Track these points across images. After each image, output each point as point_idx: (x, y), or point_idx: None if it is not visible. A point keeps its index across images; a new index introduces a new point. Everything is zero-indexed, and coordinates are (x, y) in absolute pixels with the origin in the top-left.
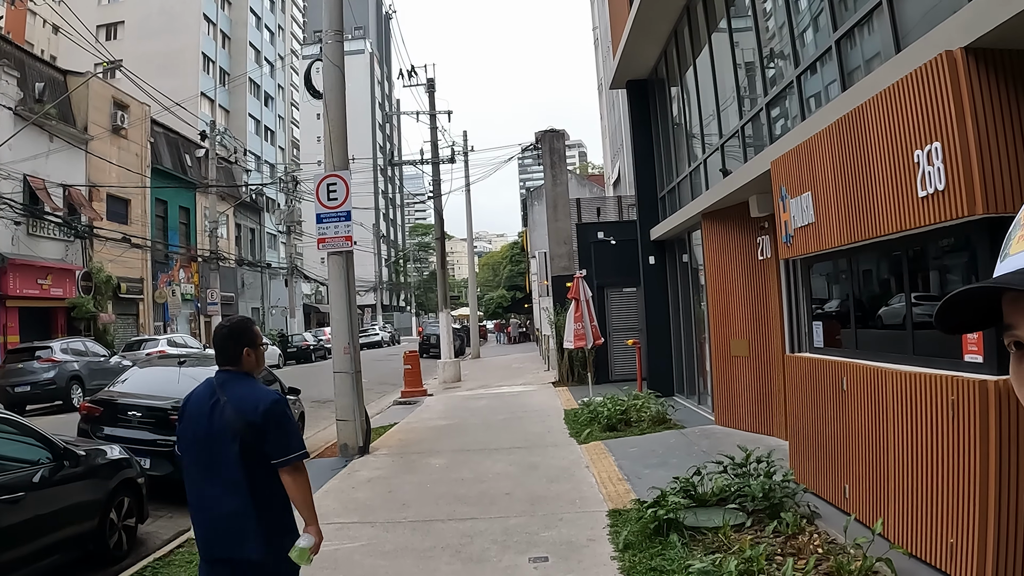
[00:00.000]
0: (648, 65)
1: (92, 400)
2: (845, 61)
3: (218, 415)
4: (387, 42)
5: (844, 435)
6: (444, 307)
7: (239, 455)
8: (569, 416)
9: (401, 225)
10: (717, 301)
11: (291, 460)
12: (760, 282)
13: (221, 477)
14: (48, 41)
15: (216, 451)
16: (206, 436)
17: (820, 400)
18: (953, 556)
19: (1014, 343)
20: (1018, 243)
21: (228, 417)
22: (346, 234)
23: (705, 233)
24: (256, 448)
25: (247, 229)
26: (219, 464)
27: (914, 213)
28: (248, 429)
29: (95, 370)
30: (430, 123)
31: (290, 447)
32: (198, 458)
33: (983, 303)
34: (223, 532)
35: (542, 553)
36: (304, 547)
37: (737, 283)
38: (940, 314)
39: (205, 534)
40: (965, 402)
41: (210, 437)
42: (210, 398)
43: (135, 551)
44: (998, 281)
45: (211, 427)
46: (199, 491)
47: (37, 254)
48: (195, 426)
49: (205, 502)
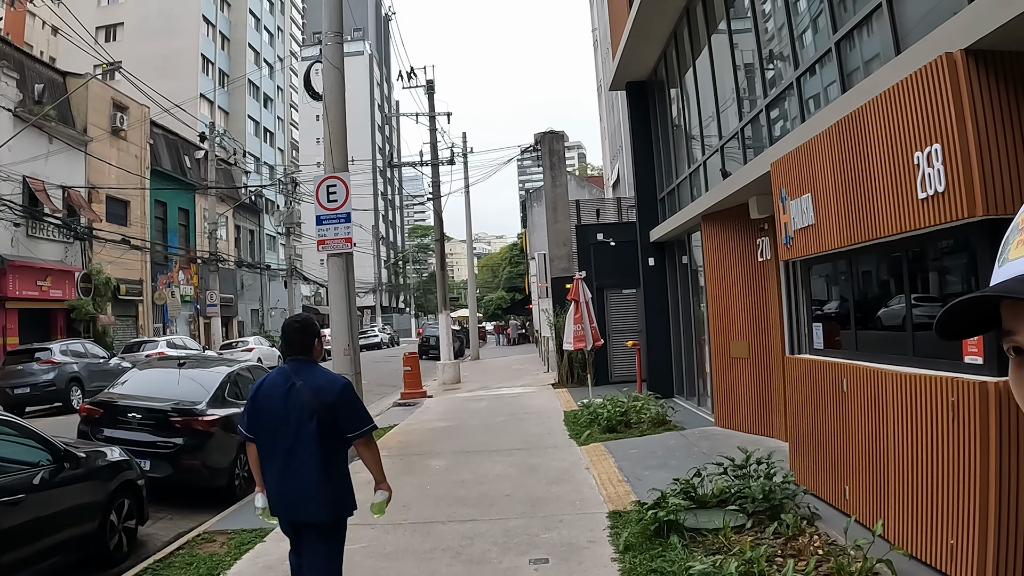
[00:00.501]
0: (648, 67)
1: (92, 402)
2: (845, 63)
3: (294, 397)
4: (386, 44)
5: (844, 436)
6: (444, 308)
7: (315, 431)
8: (569, 418)
9: (400, 227)
10: (717, 303)
11: (365, 432)
12: (760, 284)
13: (297, 451)
14: (47, 43)
15: (292, 429)
16: (283, 416)
17: (820, 402)
18: (953, 557)
19: (1013, 348)
20: (1016, 248)
21: (305, 398)
22: (346, 236)
23: (705, 235)
24: (330, 425)
25: (246, 231)
26: (295, 440)
27: (914, 215)
28: (324, 409)
29: (95, 372)
30: (429, 125)
31: (362, 422)
32: (275, 436)
33: (982, 309)
34: (298, 500)
35: (542, 555)
36: (380, 501)
37: (737, 285)
38: (941, 324)
39: (281, 501)
40: (965, 403)
41: (287, 416)
42: (285, 383)
43: (135, 553)
44: (998, 289)
45: (287, 408)
46: (275, 464)
47: (37, 256)
48: (271, 407)
49: (281, 474)
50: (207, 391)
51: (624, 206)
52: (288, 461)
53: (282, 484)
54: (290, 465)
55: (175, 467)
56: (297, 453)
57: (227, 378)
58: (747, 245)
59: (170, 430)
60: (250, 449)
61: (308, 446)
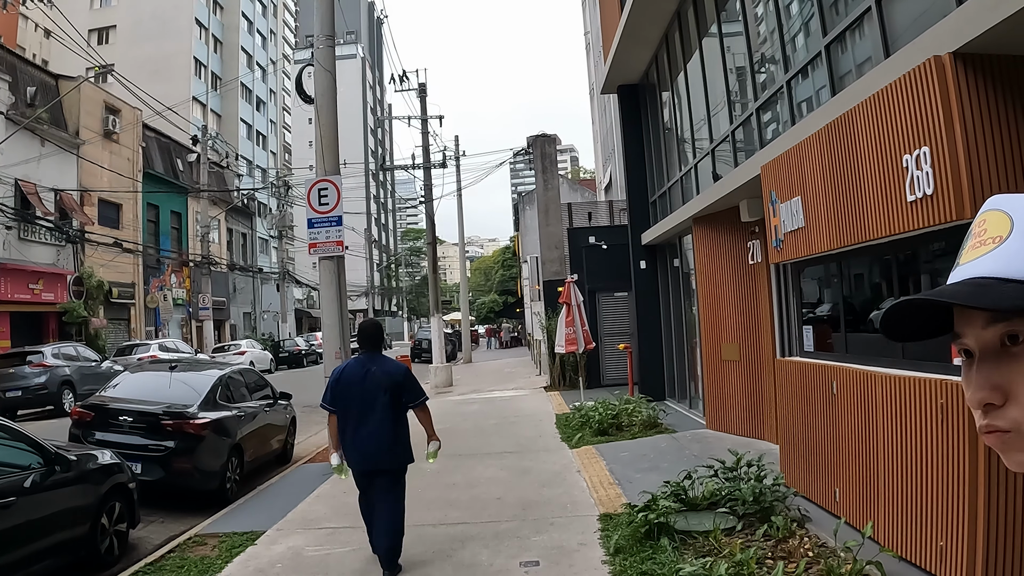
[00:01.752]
0: (639, 70)
1: (83, 405)
2: (835, 66)
3: (371, 379)
4: (379, 47)
5: (834, 439)
6: (436, 311)
7: (387, 403)
8: (561, 420)
9: (393, 230)
10: (708, 306)
11: (421, 402)
12: (751, 286)
13: (373, 418)
14: (40, 45)
15: (370, 401)
16: (361, 392)
17: (810, 404)
18: (943, 559)
19: (963, 351)
20: (968, 252)
21: (380, 379)
22: (338, 239)
23: (696, 238)
24: (397, 397)
25: (239, 234)
26: (372, 410)
27: (903, 217)
28: (394, 386)
29: (86, 375)
30: (422, 128)
31: (420, 395)
32: (358, 407)
33: (936, 312)
34: (373, 453)
35: (533, 557)
36: (433, 450)
37: (728, 287)
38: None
39: (361, 455)
40: (954, 405)
41: (365, 392)
42: (362, 369)
43: (126, 556)
44: (936, 294)
45: (365, 386)
46: (356, 428)
47: (28, 259)
48: (352, 387)
49: (361, 435)
50: (199, 394)
51: (616, 209)
52: (366, 426)
53: (362, 443)
54: (368, 429)
55: (166, 470)
56: (373, 420)
57: (219, 381)
58: (738, 248)
59: (162, 433)
60: (331, 420)
61: (381, 414)
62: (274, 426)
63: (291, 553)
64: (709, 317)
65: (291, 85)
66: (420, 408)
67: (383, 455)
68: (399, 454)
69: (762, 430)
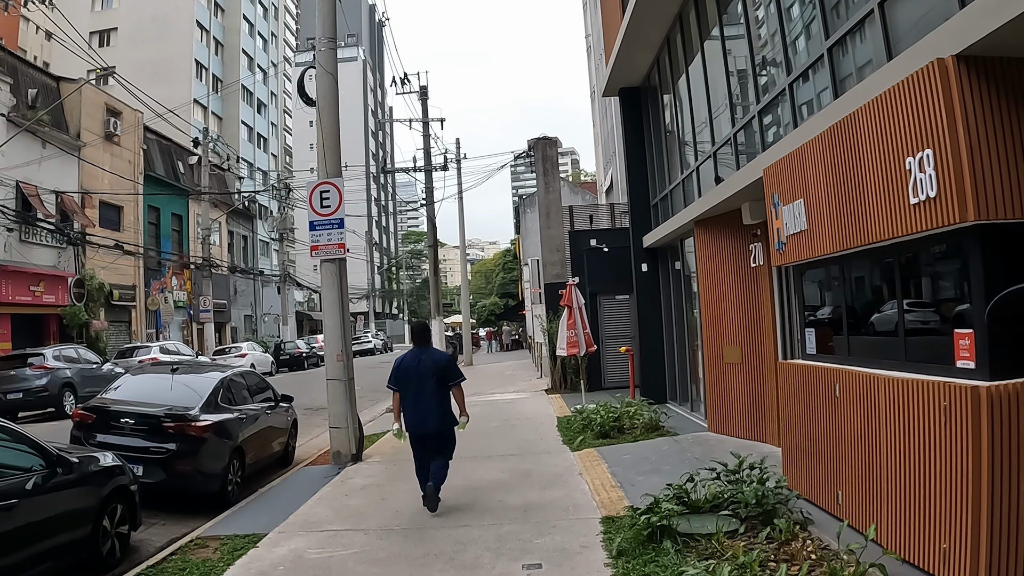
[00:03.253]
0: (641, 73)
1: (85, 407)
2: (837, 69)
3: (423, 365)
4: (380, 49)
5: (837, 441)
6: (437, 314)
7: (436, 383)
8: (562, 423)
9: (394, 232)
10: (710, 308)
11: (459, 382)
12: (753, 289)
13: (425, 394)
14: (41, 47)
15: (424, 381)
16: (417, 374)
17: (813, 406)
18: (946, 562)
19: None
20: None
21: (429, 365)
22: (339, 241)
23: (698, 240)
24: (442, 379)
25: (240, 236)
26: (425, 387)
27: (906, 220)
28: (439, 370)
29: (87, 377)
30: (423, 131)
31: (458, 376)
32: (414, 387)
33: None
34: (424, 419)
35: (535, 560)
36: (463, 423)
37: (730, 290)
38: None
39: (417, 422)
40: (957, 408)
41: (420, 374)
42: (415, 358)
43: (128, 558)
44: None
45: (419, 369)
46: (414, 401)
47: (29, 261)
48: (410, 371)
49: (418, 407)
50: (200, 396)
51: (617, 212)
52: (421, 401)
53: (417, 413)
54: (422, 403)
55: (168, 472)
56: (425, 396)
57: (220, 383)
58: (740, 251)
59: (163, 435)
60: (395, 397)
61: (431, 391)
62: (275, 428)
63: (293, 556)
64: (711, 320)
65: (292, 88)
66: (456, 387)
67: (433, 422)
68: (444, 420)
69: (764, 433)
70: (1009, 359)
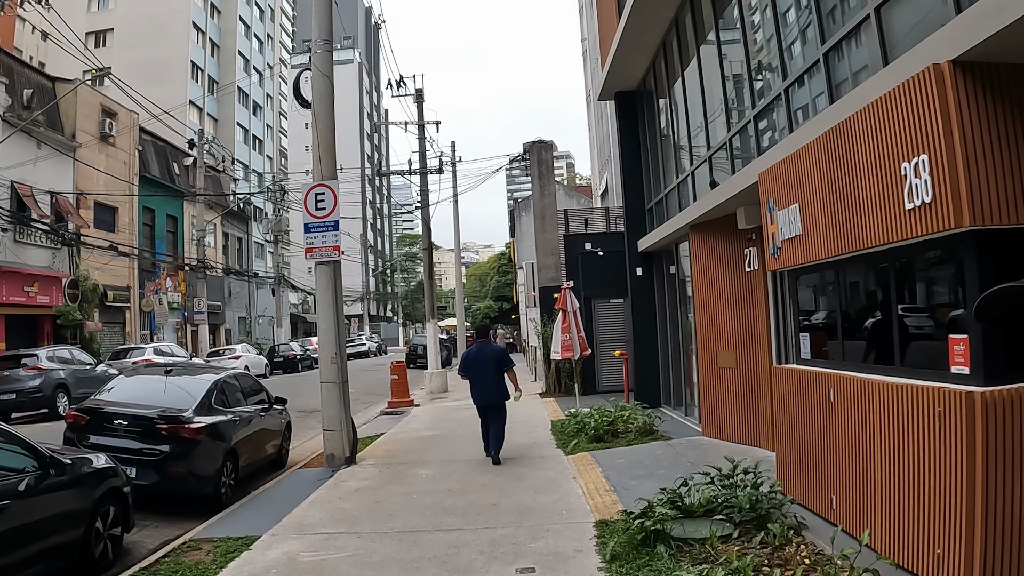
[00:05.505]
0: (636, 77)
1: (78, 409)
2: (833, 74)
3: (484, 354)
4: (376, 52)
5: (831, 446)
6: (431, 317)
7: (494, 369)
8: (556, 427)
9: (389, 235)
10: (704, 313)
11: (510, 367)
12: (747, 294)
13: (487, 377)
14: (37, 48)
15: (486, 367)
16: (479, 362)
17: (807, 411)
18: (940, 567)
19: None
20: None
21: (488, 355)
22: (334, 244)
23: (693, 245)
24: (499, 366)
25: (234, 238)
26: (487, 371)
27: (901, 225)
28: (497, 359)
29: (81, 378)
30: (418, 133)
31: (510, 363)
32: (478, 372)
33: None
34: (486, 395)
35: (529, 564)
36: (518, 396)
37: (724, 295)
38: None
39: (482, 398)
40: (952, 414)
41: (482, 362)
42: (479, 351)
43: (120, 560)
44: None
45: (482, 358)
46: (478, 384)
47: (24, 261)
48: (474, 361)
49: (481, 386)
50: (194, 398)
51: (612, 216)
52: (483, 382)
53: (483, 391)
54: (485, 383)
55: (161, 474)
56: (487, 378)
57: (214, 386)
58: (735, 255)
59: (156, 437)
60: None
61: (491, 375)
62: (269, 431)
63: (286, 559)
64: (705, 324)
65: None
66: (509, 371)
67: (492, 396)
68: (501, 395)
69: (758, 437)
70: (1004, 365)
